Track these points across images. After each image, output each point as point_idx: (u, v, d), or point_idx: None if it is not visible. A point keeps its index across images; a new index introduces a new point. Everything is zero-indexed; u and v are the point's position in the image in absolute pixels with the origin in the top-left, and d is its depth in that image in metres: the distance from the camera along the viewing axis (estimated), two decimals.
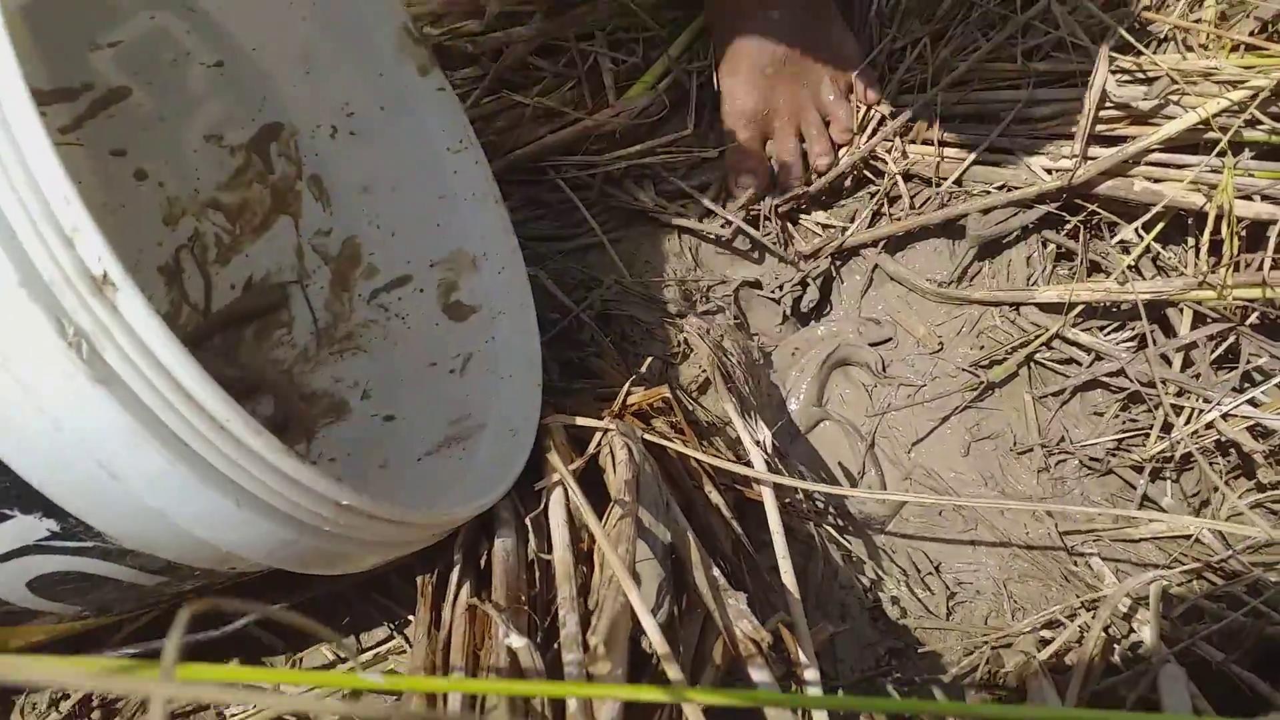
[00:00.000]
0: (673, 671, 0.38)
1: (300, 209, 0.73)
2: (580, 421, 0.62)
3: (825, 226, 0.85)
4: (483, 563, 0.55)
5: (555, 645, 0.45)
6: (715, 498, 0.62)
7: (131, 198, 0.72)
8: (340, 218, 0.73)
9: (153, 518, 0.40)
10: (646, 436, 0.61)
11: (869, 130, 0.84)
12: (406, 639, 0.64)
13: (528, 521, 0.54)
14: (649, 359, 0.75)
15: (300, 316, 0.74)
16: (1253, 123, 0.74)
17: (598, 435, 0.61)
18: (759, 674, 0.45)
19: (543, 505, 0.56)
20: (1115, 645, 0.62)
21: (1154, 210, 0.76)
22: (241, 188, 0.73)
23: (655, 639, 0.38)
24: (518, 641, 0.42)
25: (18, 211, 0.35)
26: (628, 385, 0.66)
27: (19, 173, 0.34)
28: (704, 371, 0.76)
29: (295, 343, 0.74)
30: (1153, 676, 0.54)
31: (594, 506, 0.59)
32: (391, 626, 0.65)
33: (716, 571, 0.51)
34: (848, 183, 0.85)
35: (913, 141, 0.85)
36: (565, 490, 0.56)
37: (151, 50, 0.67)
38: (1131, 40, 0.77)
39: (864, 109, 0.84)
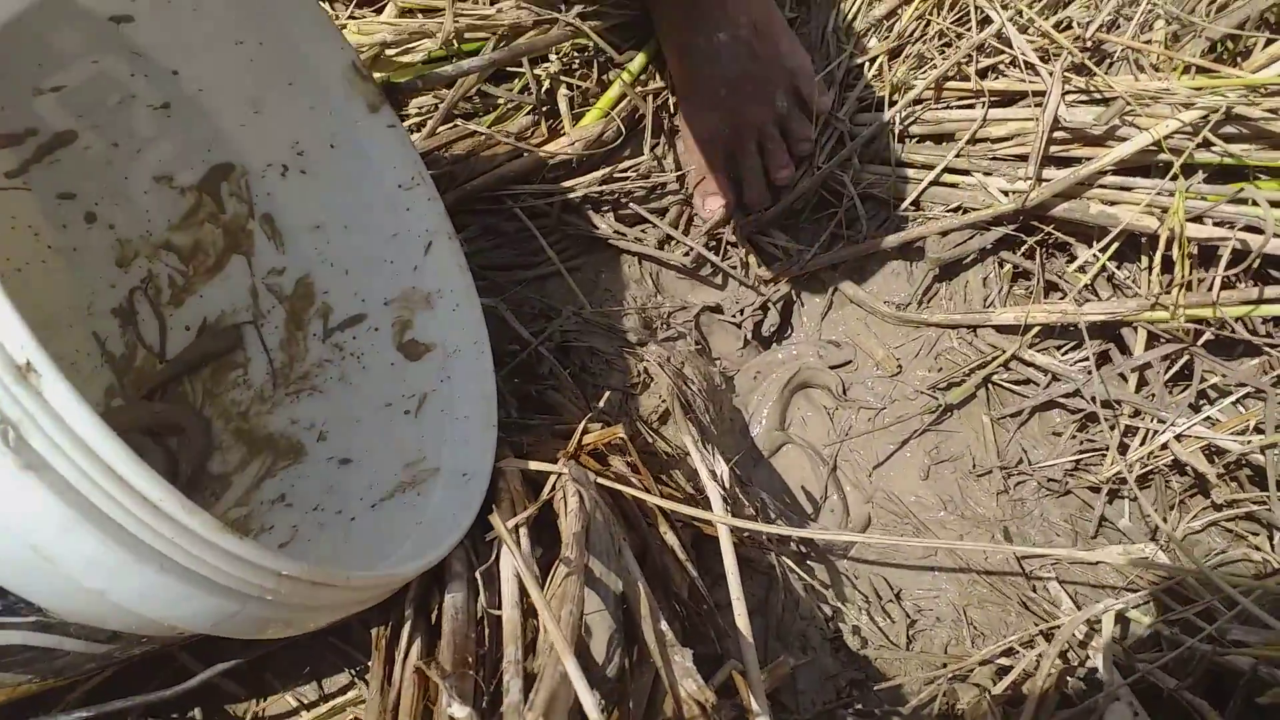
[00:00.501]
0: None
1: (253, 248, 0.73)
2: (534, 466, 0.62)
3: (785, 250, 0.85)
4: (434, 617, 0.55)
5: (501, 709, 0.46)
6: (671, 539, 0.63)
7: (83, 241, 0.71)
8: (293, 256, 0.73)
9: (92, 596, 0.40)
10: (600, 480, 0.61)
11: (827, 152, 0.84)
12: (367, 684, 0.65)
13: (478, 575, 0.54)
14: (607, 392, 0.75)
15: (256, 358, 0.73)
16: (1204, 145, 0.74)
17: (552, 478, 0.61)
18: None
19: (494, 557, 0.56)
20: (1069, 677, 0.62)
21: (1111, 235, 0.76)
22: (194, 228, 0.73)
23: (593, 717, 0.38)
24: (460, 712, 0.42)
25: None
26: (583, 424, 0.66)
27: None
28: (664, 401, 0.76)
29: (251, 384, 0.73)
30: (1100, 715, 0.54)
31: (549, 550, 0.59)
32: (353, 674, 0.65)
33: (665, 626, 0.51)
34: (807, 205, 0.85)
35: (871, 162, 0.85)
36: (516, 538, 0.56)
37: (96, 93, 0.66)
38: (1085, 62, 0.78)
39: (821, 121, 0.84)
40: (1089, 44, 0.79)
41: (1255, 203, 0.72)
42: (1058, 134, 0.78)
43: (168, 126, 0.69)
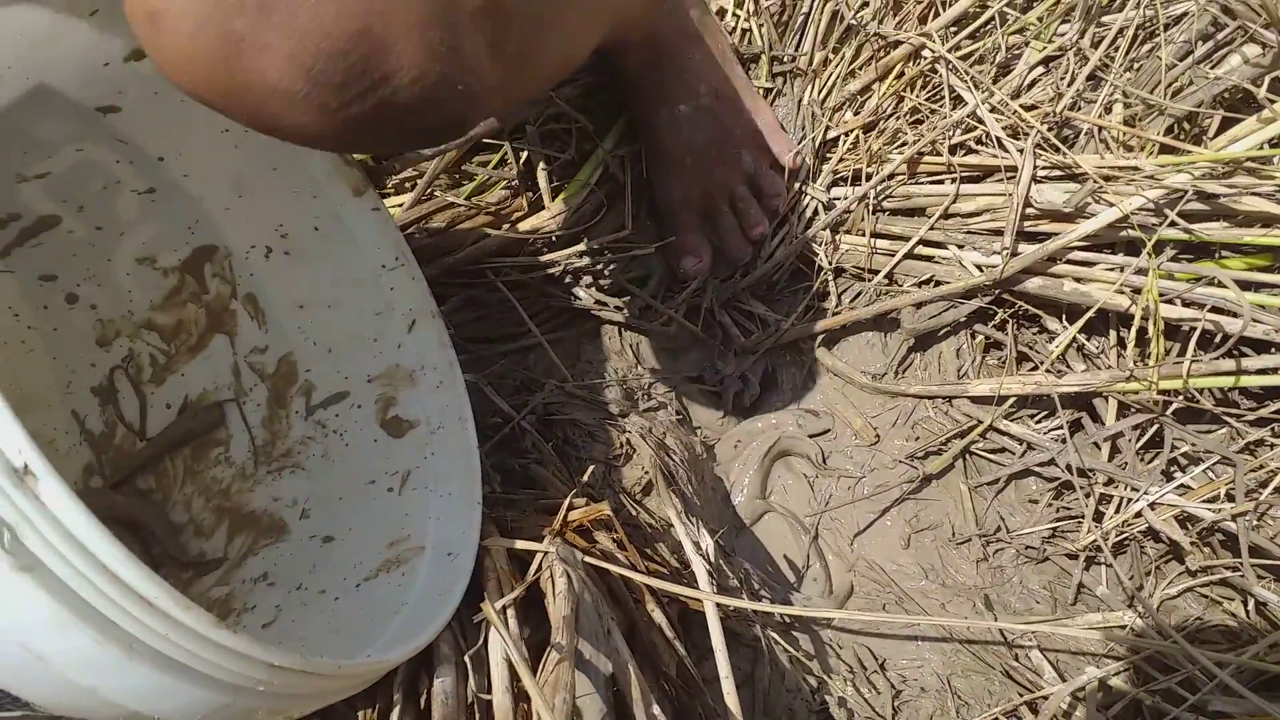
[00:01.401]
0: None
1: (236, 327, 0.73)
2: (520, 545, 0.62)
3: (762, 321, 0.87)
4: (423, 702, 0.54)
5: None
6: (658, 616, 0.63)
7: (63, 321, 0.71)
8: (276, 335, 0.73)
9: (82, 693, 0.40)
10: (587, 559, 0.61)
11: (804, 223, 0.86)
12: None
13: (467, 659, 0.54)
14: (590, 466, 0.75)
15: (238, 435, 0.73)
16: (1172, 223, 0.77)
17: (538, 557, 0.61)
18: None
19: (482, 639, 0.56)
20: None
21: (1089, 314, 0.78)
22: (176, 308, 0.73)
23: None
24: None
25: None
26: (568, 501, 0.66)
27: None
28: (647, 473, 0.77)
29: (233, 461, 0.73)
30: None
31: (537, 630, 0.59)
32: None
33: (657, 710, 0.51)
34: (784, 277, 0.87)
35: (848, 233, 0.87)
36: (505, 619, 0.56)
37: (80, 179, 0.67)
38: (1053, 140, 0.80)
39: (793, 184, 0.86)
40: (1057, 121, 0.82)
41: (1222, 283, 0.74)
42: (1029, 209, 0.80)
43: (152, 210, 0.70)
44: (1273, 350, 0.75)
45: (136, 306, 0.72)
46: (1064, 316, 0.81)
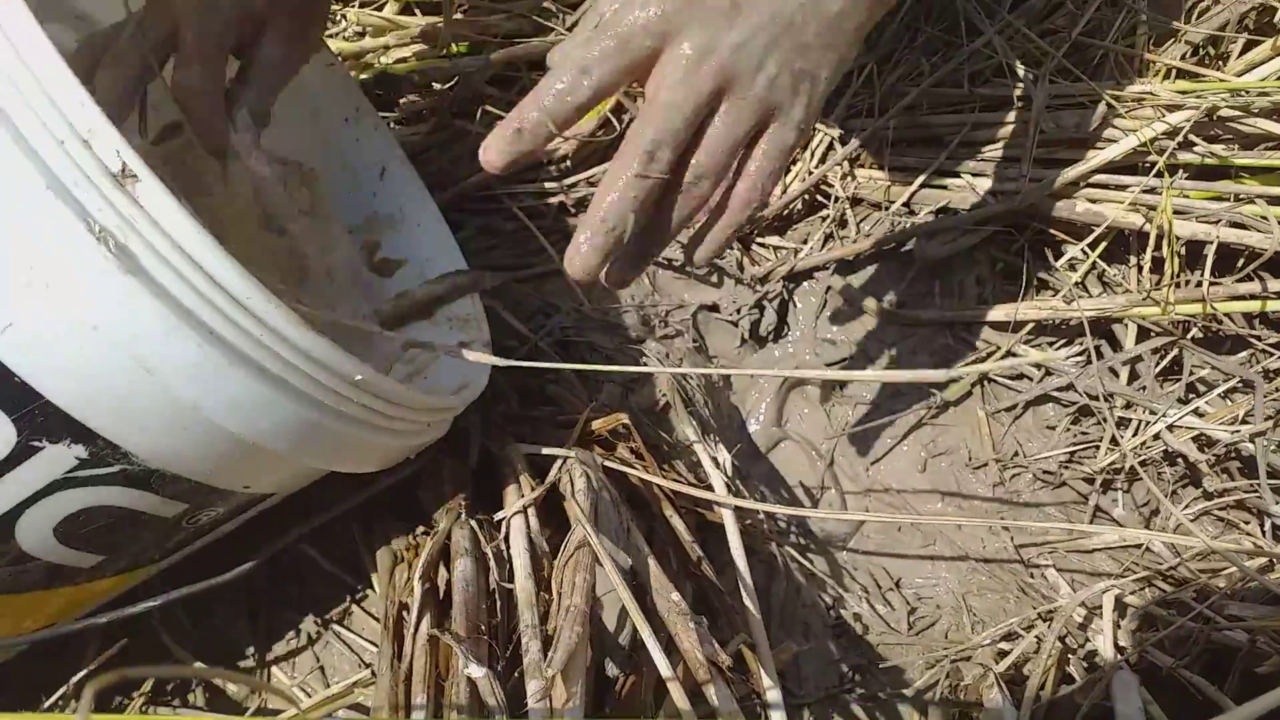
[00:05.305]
0: None
1: None
2: (542, 451, 0.62)
3: (778, 250, 0.87)
4: (442, 593, 0.55)
5: (516, 674, 0.46)
6: (676, 522, 0.63)
7: None
8: None
9: (184, 416, 0.42)
10: (606, 463, 0.62)
11: (818, 156, 0.86)
12: (374, 673, 0.64)
13: (487, 550, 0.54)
14: (608, 385, 0.75)
15: None
16: (1187, 145, 0.77)
17: (558, 463, 0.62)
18: (720, 697, 0.45)
19: (503, 533, 0.56)
20: (1070, 655, 0.63)
21: (1097, 232, 0.78)
22: None
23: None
24: (477, 671, 0.43)
25: (34, 123, 0.37)
26: (587, 412, 0.67)
27: (32, 87, 0.37)
28: (664, 395, 0.77)
29: None
30: (1106, 684, 0.55)
31: (557, 534, 0.59)
32: (361, 664, 0.65)
33: (676, 596, 0.51)
34: (799, 207, 0.87)
35: (862, 165, 0.87)
36: (525, 519, 0.57)
37: None
38: (1069, 66, 0.80)
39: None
40: (1074, 48, 0.81)
41: (1241, 198, 0.74)
42: (1044, 136, 0.80)
43: None
44: None
45: None
46: (1088, 246, 0.81)
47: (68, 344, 0.39)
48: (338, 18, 0.86)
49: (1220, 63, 0.81)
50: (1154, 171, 0.76)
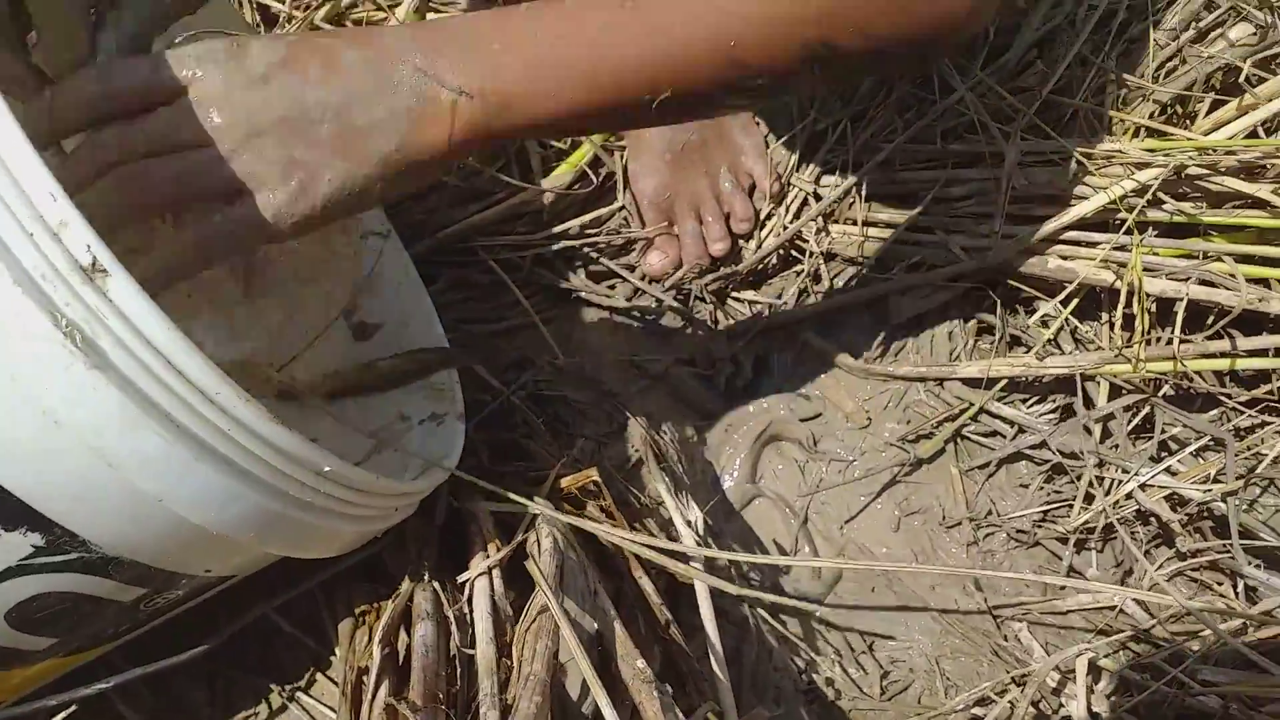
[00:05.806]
0: None
1: None
2: (509, 502, 0.61)
3: (753, 304, 0.87)
4: (402, 658, 0.53)
5: None
6: (645, 583, 0.62)
7: None
8: None
9: (144, 507, 0.41)
10: (575, 522, 0.61)
11: (793, 212, 0.86)
12: None
13: (449, 613, 0.53)
14: (580, 440, 0.75)
15: None
16: (1156, 203, 0.77)
17: (525, 521, 0.61)
18: None
19: (466, 595, 0.55)
20: None
21: (1069, 289, 0.79)
22: None
23: None
24: None
25: (3, 214, 0.36)
26: (557, 468, 0.66)
27: (3, 177, 0.36)
28: (637, 451, 0.76)
29: None
30: None
31: (520, 595, 0.58)
32: None
33: (642, 663, 0.50)
34: (774, 262, 0.87)
35: (836, 221, 0.87)
36: (490, 580, 0.56)
37: None
38: (1040, 123, 0.81)
39: (778, 189, 0.87)
40: (1044, 102, 0.82)
41: (1209, 255, 0.74)
42: (1016, 192, 0.81)
43: None
44: (1264, 331, 0.75)
45: None
46: (1060, 302, 0.81)
47: (28, 435, 0.38)
48: None
49: (1188, 121, 0.82)
50: (1124, 229, 0.77)
